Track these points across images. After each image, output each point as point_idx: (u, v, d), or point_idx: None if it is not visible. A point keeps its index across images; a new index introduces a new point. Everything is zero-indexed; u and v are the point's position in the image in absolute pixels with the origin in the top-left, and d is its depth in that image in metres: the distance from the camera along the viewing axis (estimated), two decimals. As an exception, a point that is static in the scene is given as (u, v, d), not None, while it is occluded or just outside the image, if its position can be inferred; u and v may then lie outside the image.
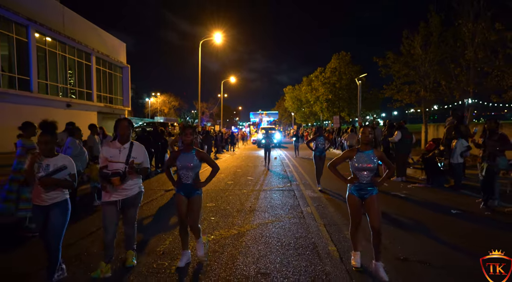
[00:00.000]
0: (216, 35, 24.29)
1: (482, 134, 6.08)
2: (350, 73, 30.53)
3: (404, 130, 8.82)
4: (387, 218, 5.05)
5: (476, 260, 2.99)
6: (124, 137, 3.24)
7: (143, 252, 3.74)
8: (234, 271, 3.25)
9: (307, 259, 3.56)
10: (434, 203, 6.27)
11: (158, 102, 60.24)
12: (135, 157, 3.21)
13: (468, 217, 5.24)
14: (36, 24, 16.44)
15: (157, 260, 3.53)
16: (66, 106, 18.95)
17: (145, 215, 5.42)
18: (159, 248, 3.87)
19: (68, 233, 3.30)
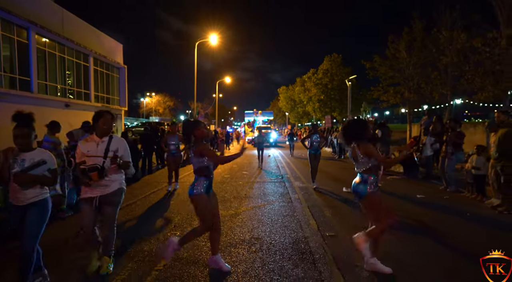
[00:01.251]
0: (212, 36, 25.09)
1: (445, 131, 7.05)
2: (342, 74, 31.68)
3: (384, 129, 9.73)
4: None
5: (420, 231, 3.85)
6: (104, 131, 3.07)
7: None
8: (233, 237, 4.07)
9: (291, 229, 4.40)
10: (405, 190, 7.18)
11: (153, 102, 60.68)
12: (114, 150, 3.05)
13: (428, 200, 6.15)
14: (37, 26, 17.00)
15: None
16: (64, 106, 19.50)
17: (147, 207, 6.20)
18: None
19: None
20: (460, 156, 6.70)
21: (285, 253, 3.55)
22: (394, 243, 3.82)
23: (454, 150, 6.63)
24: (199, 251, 3.61)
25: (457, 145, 6.65)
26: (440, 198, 6.34)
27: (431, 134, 7.70)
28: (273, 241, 3.93)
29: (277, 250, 3.66)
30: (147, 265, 3.25)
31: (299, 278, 2.98)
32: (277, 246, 3.77)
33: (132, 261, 3.35)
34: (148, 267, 3.20)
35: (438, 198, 6.34)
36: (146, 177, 9.25)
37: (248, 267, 3.20)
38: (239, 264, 3.27)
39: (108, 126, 3.08)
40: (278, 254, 3.54)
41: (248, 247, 3.74)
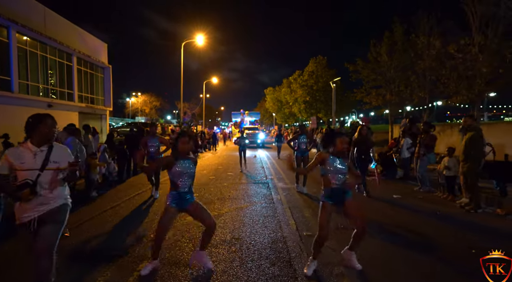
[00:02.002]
0: (198, 37, 25.12)
1: (419, 133, 7.43)
2: (327, 76, 32.24)
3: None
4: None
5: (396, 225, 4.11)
6: (44, 139, 2.55)
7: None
8: (214, 238, 4.22)
9: (271, 229, 4.60)
10: (382, 191, 7.49)
11: (139, 102, 59.99)
12: (56, 161, 2.56)
13: (403, 200, 6.47)
14: (17, 25, 16.65)
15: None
16: (47, 106, 19.15)
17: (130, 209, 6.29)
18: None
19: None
20: (431, 157, 7.10)
21: (263, 253, 3.74)
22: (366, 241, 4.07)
23: (426, 151, 7.01)
24: (181, 252, 3.76)
25: (429, 147, 7.03)
26: (414, 198, 6.67)
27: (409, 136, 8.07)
28: (253, 241, 4.11)
29: (256, 249, 3.84)
30: (129, 266, 3.38)
31: (274, 276, 3.17)
32: (256, 246, 3.95)
33: (114, 263, 3.47)
34: (130, 268, 3.33)
35: (412, 198, 6.67)
36: (131, 179, 9.28)
37: (227, 266, 3.37)
38: (218, 263, 3.44)
39: (49, 132, 2.55)
40: (257, 253, 3.72)
41: (228, 247, 3.92)
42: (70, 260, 3.59)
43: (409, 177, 8.79)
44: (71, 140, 6.12)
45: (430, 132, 7.16)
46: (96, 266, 3.35)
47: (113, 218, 5.21)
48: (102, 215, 5.38)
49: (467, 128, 5.68)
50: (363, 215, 3.29)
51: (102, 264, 3.41)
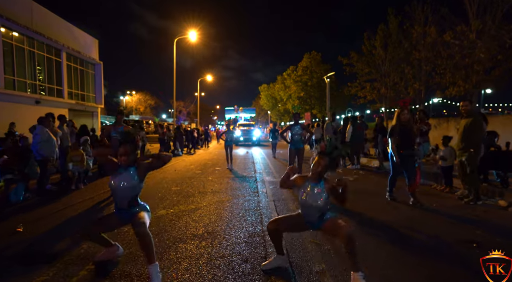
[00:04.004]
0: (191, 33, 24.62)
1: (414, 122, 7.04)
2: (321, 71, 31.82)
3: (356, 123, 9.70)
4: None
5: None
6: None
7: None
8: (185, 232, 3.80)
9: (251, 223, 4.17)
10: (377, 184, 7.09)
11: (134, 101, 59.36)
12: None
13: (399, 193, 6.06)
14: (2, 18, 16.12)
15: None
16: (35, 102, 18.62)
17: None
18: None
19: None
20: (426, 146, 6.69)
21: (236, 248, 3.31)
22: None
23: (422, 140, 6.60)
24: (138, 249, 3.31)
25: (424, 134, 6.63)
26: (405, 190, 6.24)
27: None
28: (227, 236, 3.68)
29: (228, 244, 3.41)
30: (76, 265, 2.93)
31: (245, 274, 2.75)
32: (230, 241, 3.52)
33: (59, 262, 3.02)
34: (77, 267, 2.88)
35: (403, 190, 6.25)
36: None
37: (192, 264, 2.94)
38: (182, 260, 3.01)
39: None
40: (229, 249, 3.29)
41: (198, 242, 3.48)
42: (14, 256, 3.13)
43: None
44: (39, 129, 5.65)
45: (425, 120, 6.76)
46: (40, 265, 2.91)
47: (74, 215, 4.76)
48: (64, 211, 4.91)
49: (466, 113, 5.27)
50: (341, 226, 2.52)
51: (47, 263, 2.96)
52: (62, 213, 4.75)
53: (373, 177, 8.10)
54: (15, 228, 3.87)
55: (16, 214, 4.64)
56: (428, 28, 12.07)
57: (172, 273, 2.75)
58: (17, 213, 4.69)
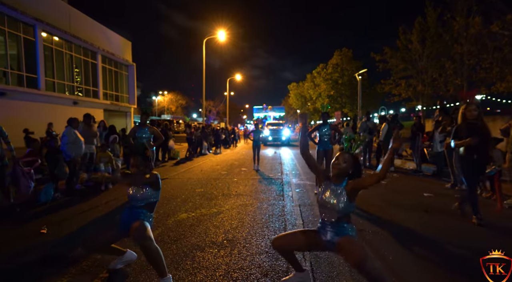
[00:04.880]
0: (220, 32, 24.74)
1: (450, 123, 6.39)
2: (352, 69, 30.71)
3: (391, 123, 9.10)
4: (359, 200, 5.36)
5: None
6: None
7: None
8: (204, 239, 3.63)
9: (273, 231, 3.92)
10: (411, 188, 6.56)
11: (165, 101, 61.10)
12: None
13: (436, 199, 5.53)
14: (43, 23, 17.06)
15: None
16: (73, 103, 19.60)
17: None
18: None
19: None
20: None
21: (256, 259, 3.08)
22: (394, 251, 3.29)
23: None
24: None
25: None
26: (448, 197, 5.70)
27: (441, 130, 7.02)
28: (248, 244, 3.46)
29: (248, 254, 3.19)
30: (89, 274, 2.85)
31: (264, 290, 2.51)
32: (251, 250, 3.30)
33: (76, 267, 2.95)
34: (89, 276, 2.79)
35: (445, 197, 5.71)
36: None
37: (208, 275, 2.75)
38: (198, 271, 2.83)
39: None
40: (249, 259, 3.07)
41: (216, 251, 3.29)
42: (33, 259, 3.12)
43: (443, 173, 7.74)
44: (67, 130, 5.77)
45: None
46: (56, 270, 2.86)
47: (97, 216, 4.77)
48: (89, 212, 4.95)
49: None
50: (355, 250, 2.13)
51: (63, 268, 2.91)
52: (86, 214, 4.78)
53: (409, 180, 7.54)
54: (40, 229, 3.91)
55: (43, 214, 4.73)
56: (471, 19, 11.08)
57: (186, 285, 2.58)
58: (44, 213, 4.78)
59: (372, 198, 5.63)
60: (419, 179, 7.76)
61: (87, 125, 7.02)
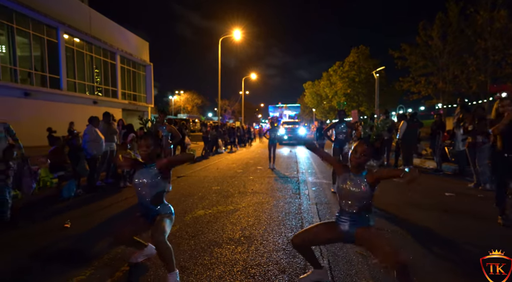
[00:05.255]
0: (235, 32, 24.82)
1: (471, 121, 6.19)
2: (369, 67, 30.15)
3: (410, 121, 8.88)
4: (381, 201, 5.26)
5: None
6: None
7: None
8: (222, 235, 3.66)
9: (290, 228, 3.91)
10: (432, 187, 6.39)
11: (182, 100, 61.89)
12: None
13: (457, 199, 5.37)
14: (65, 25, 17.62)
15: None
16: (93, 103, 20.15)
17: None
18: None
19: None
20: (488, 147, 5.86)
21: (273, 256, 3.08)
22: (414, 251, 3.23)
23: (487, 140, 5.78)
24: (178, 250, 3.23)
25: (488, 134, 5.80)
26: (471, 197, 5.53)
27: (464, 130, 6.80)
28: (265, 241, 3.47)
29: (266, 251, 3.19)
30: (111, 267, 2.92)
31: (282, 286, 2.51)
32: (267, 247, 3.30)
33: (99, 261, 3.04)
34: (112, 269, 2.86)
35: (469, 197, 5.54)
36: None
37: (226, 271, 2.77)
38: (216, 266, 2.85)
39: None
40: (266, 256, 3.08)
41: (234, 247, 3.31)
42: (57, 253, 3.24)
43: (464, 172, 7.51)
44: (88, 128, 5.94)
45: (485, 118, 5.95)
46: (79, 263, 2.95)
47: (117, 212, 4.89)
48: (110, 208, 5.08)
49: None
50: (388, 246, 2.14)
51: (86, 261, 3.00)
52: (107, 210, 4.92)
53: (429, 179, 7.35)
54: (64, 224, 4.05)
55: (66, 210, 4.89)
56: (496, 12, 10.65)
57: (205, 280, 2.61)
58: (67, 209, 4.95)
59: (390, 197, 5.52)
60: (440, 178, 7.55)
61: (107, 123, 7.20)
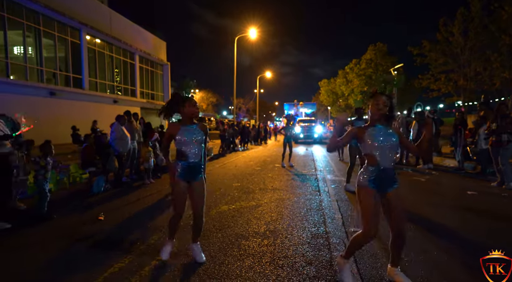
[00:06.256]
0: (251, 30, 24.91)
1: (494, 119, 6.09)
2: (387, 64, 29.67)
3: (419, 120, 8.82)
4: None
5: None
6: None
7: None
8: (247, 229, 3.81)
9: (313, 223, 4.02)
10: (454, 186, 6.35)
11: (197, 99, 62.60)
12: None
13: (480, 199, 5.33)
14: (87, 27, 18.19)
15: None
16: (113, 102, 20.73)
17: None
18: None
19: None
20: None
21: (299, 249, 3.20)
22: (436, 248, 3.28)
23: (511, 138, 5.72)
24: (202, 244, 3.40)
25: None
26: (495, 196, 5.47)
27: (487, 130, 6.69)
28: (290, 235, 3.59)
29: (291, 244, 3.32)
30: (151, 254, 3.11)
31: (309, 277, 2.63)
32: (293, 241, 3.43)
33: (136, 250, 3.24)
34: (149, 257, 3.05)
35: (492, 196, 5.48)
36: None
37: (255, 262, 2.91)
38: (246, 258, 3.00)
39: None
40: (292, 249, 3.20)
41: (260, 240, 3.45)
42: (95, 243, 3.46)
43: (487, 171, 7.38)
44: (115, 126, 6.21)
45: (509, 115, 5.85)
46: (117, 252, 3.16)
47: (149, 206, 5.12)
48: (140, 202, 5.32)
49: None
50: (404, 215, 2.41)
51: (123, 251, 3.21)
52: (135, 204, 5.16)
53: (450, 177, 7.27)
54: (97, 216, 4.29)
55: (97, 204, 5.16)
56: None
57: (236, 270, 2.76)
58: (98, 203, 5.21)
59: (412, 195, 5.54)
60: (462, 177, 7.46)
61: (129, 122, 7.46)
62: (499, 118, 5.95)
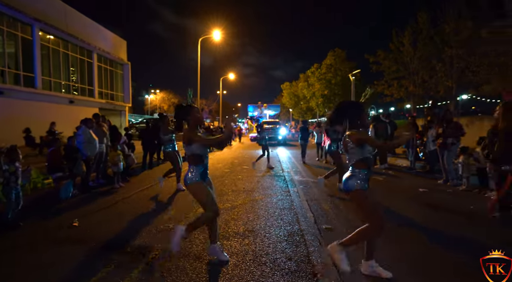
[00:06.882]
0: (215, 32, 24.92)
1: (440, 124, 6.90)
2: (345, 69, 31.37)
3: (379, 122, 9.62)
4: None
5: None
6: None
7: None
8: (227, 230, 4.00)
9: (287, 222, 4.32)
10: (407, 183, 7.04)
11: (158, 99, 60.86)
12: None
13: (431, 194, 6.02)
14: (41, 22, 17.03)
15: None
16: (69, 102, 19.58)
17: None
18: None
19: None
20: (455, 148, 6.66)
21: (278, 246, 3.47)
22: (398, 242, 3.72)
23: (456, 141, 6.55)
24: (190, 244, 3.55)
25: (458, 136, 6.57)
26: (441, 192, 6.19)
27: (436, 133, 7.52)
28: (268, 234, 3.85)
29: (270, 242, 3.58)
30: (136, 257, 3.19)
31: (291, 271, 2.90)
32: (271, 239, 3.69)
33: (122, 253, 3.30)
34: (137, 259, 3.14)
35: (440, 192, 6.20)
36: (146, 172, 9.21)
37: (240, 260, 3.12)
38: (230, 256, 3.19)
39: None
40: (272, 247, 3.46)
41: (241, 240, 3.67)
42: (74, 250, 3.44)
43: (434, 170, 8.27)
44: (82, 129, 6.05)
45: (453, 121, 6.71)
46: (100, 258, 3.19)
47: (123, 210, 5.09)
48: (113, 207, 5.26)
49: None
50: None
51: (107, 255, 3.25)
52: (109, 209, 5.10)
53: (402, 178, 8.03)
54: (71, 222, 4.22)
55: (66, 209, 5.02)
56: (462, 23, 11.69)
57: (222, 268, 2.95)
58: (69, 208, 5.08)
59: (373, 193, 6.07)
60: (413, 175, 8.26)
61: (97, 124, 7.28)
62: (445, 124, 6.74)
